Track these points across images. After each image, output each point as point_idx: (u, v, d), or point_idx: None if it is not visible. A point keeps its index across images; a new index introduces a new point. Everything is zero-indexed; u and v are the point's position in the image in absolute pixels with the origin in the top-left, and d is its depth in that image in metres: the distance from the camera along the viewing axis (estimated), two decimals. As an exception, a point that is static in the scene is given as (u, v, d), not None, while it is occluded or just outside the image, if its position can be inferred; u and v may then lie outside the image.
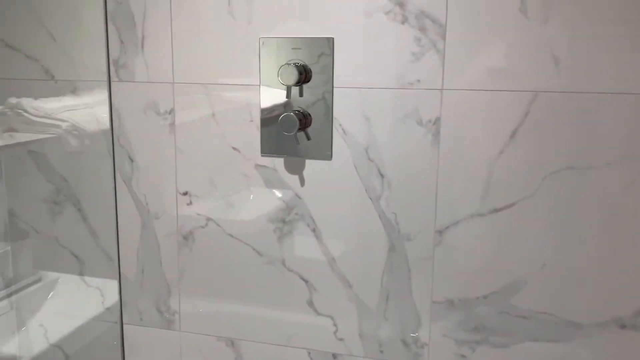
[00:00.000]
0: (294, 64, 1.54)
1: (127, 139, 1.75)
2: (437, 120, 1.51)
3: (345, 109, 1.57)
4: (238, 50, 1.62)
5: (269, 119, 1.63)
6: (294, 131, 1.56)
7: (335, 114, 1.58)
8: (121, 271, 1.84)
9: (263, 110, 1.63)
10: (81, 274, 1.87)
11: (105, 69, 1.73)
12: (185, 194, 1.74)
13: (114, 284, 1.84)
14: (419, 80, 1.51)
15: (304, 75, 1.56)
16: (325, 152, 1.60)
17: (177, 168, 1.73)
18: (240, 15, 1.60)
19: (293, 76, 1.52)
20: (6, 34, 1.79)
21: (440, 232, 1.55)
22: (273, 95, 1.61)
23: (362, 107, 1.55)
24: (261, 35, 1.59)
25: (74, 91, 1.77)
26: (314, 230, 1.65)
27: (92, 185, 1.82)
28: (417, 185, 1.55)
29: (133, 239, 1.80)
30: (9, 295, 1.92)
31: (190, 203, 1.74)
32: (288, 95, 1.58)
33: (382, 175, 1.57)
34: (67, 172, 1.83)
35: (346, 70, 1.55)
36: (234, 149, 1.67)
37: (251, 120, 1.64)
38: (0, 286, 1.89)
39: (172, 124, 1.71)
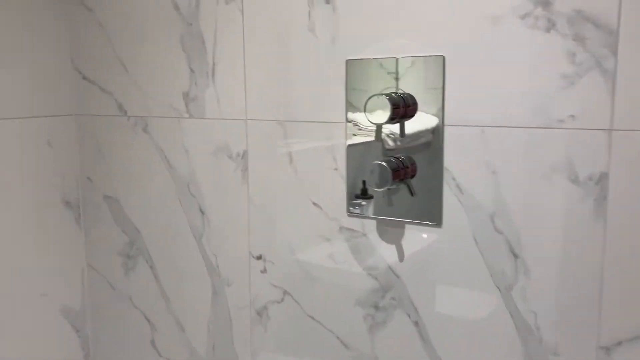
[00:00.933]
0: (389, 94, 1.11)
1: (198, 187, 1.45)
2: (603, 178, 0.97)
3: (461, 156, 1.09)
4: (320, 76, 1.23)
5: (358, 166, 1.21)
6: (386, 186, 1.12)
7: (446, 163, 1.11)
8: (192, 344, 1.53)
9: (350, 155, 1.22)
10: (153, 342, 1.61)
11: (176, 104, 1.45)
12: (259, 257, 1.38)
13: (185, 356, 1.54)
14: (572, 116, 0.98)
15: (402, 109, 1.12)
16: (432, 216, 1.14)
17: (250, 225, 1.38)
18: (323, 31, 1.21)
19: (385, 111, 1.09)
20: (83, 66, 1.61)
21: (607, 350, 1.00)
22: (365, 134, 1.20)
23: (486, 154, 1.07)
24: (348, 57, 1.19)
25: (145, 128, 1.52)
26: (416, 324, 1.18)
27: (163, 239, 1.54)
28: (572, 275, 1.01)
29: (204, 306, 1.49)
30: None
31: (265, 270, 1.37)
32: (378, 137, 1.14)
33: (515, 256, 1.07)
34: (140, 222, 1.58)
35: (463, 101, 1.08)
36: (315, 204, 1.28)
37: (335, 169, 1.24)
38: (79, 344, 1.70)
39: (245, 170, 1.37)
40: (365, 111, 1.11)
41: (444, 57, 1.09)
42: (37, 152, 1.57)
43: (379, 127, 1.13)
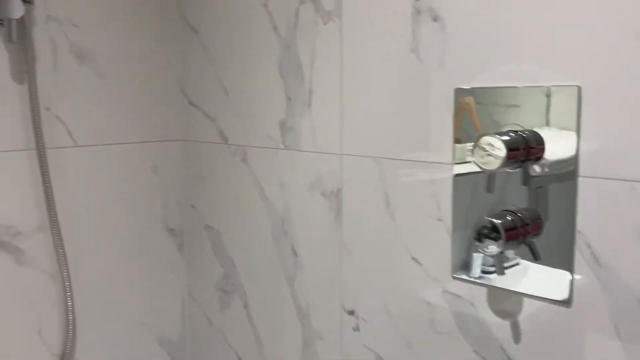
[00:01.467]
0: (506, 132, 0.88)
1: (292, 225, 1.31)
2: None
3: (602, 217, 0.83)
4: (423, 107, 1.02)
5: (466, 219, 0.99)
6: (499, 249, 0.89)
7: (580, 225, 0.85)
8: (281, 396, 1.40)
9: (457, 205, 1.00)
10: (245, 385, 1.50)
11: (273, 134, 1.33)
12: (351, 313, 1.20)
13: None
14: None
15: (523, 151, 0.88)
16: (558, 291, 0.88)
17: (343, 274, 1.21)
18: (429, 53, 1.01)
19: (499, 154, 0.86)
20: (189, 90, 1.55)
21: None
22: (474, 181, 0.97)
23: (637, 218, 0.79)
24: (458, 84, 0.97)
25: (244, 158, 1.41)
26: None
27: (257, 277, 1.43)
28: None
29: (294, 357, 1.34)
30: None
31: (357, 329, 1.19)
32: (489, 188, 0.91)
33: (673, 359, 0.78)
34: (236, 256, 1.48)
35: (605, 146, 0.82)
36: (414, 259, 1.07)
37: (439, 219, 1.02)
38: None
39: (339, 211, 1.20)
40: (474, 154, 0.89)
41: (579, 87, 0.83)
42: (143, 177, 1.54)
43: (491, 175, 0.90)
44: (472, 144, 0.89)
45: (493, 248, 0.89)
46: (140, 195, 1.54)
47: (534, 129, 0.89)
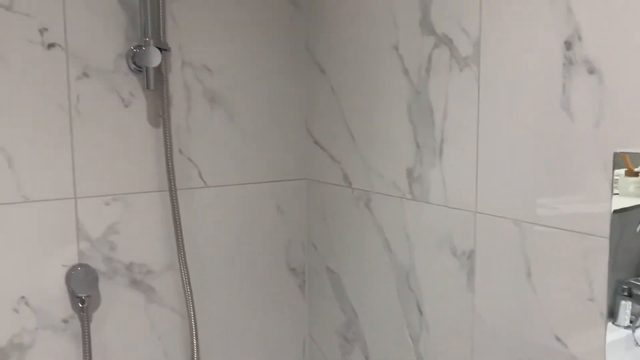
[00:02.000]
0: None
1: (417, 281, 1.23)
2: None
3: None
4: (574, 171, 0.90)
5: (623, 299, 0.85)
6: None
7: None
8: None
9: (613, 283, 0.86)
10: None
11: (399, 182, 1.26)
12: (482, 386, 1.09)
13: None
14: None
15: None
16: None
17: (474, 346, 1.10)
18: (582, 110, 0.89)
19: (670, 239, 0.73)
20: (315, 130, 1.52)
21: None
22: (635, 255, 0.84)
23: None
24: (617, 148, 0.84)
25: (367, 204, 1.36)
26: None
27: (379, 329, 1.36)
28: None
29: (416, 421, 1.26)
30: None
31: (488, 404, 1.08)
32: (657, 275, 0.77)
33: None
34: (357, 304, 1.42)
35: None
36: (558, 339, 0.95)
37: (590, 299, 0.89)
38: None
39: (471, 274, 1.10)
40: (638, 229, 0.76)
41: None
42: (267, 216, 1.54)
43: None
44: (637, 223, 0.76)
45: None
46: (264, 234, 1.54)
47: None
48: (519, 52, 0.99)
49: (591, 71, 0.87)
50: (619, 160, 0.84)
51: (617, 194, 0.84)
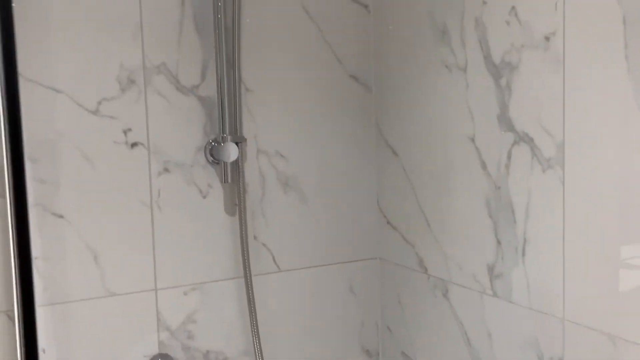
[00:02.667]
0: None
1: (500, 382, 1.18)
2: None
3: None
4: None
5: None
6: None
7: None
8: None
9: None
10: None
11: (479, 276, 1.22)
12: None
13: None
14: None
15: None
16: None
17: None
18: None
19: None
20: (388, 210, 1.51)
21: None
22: None
23: None
24: None
25: (445, 293, 1.33)
26: None
27: None
28: None
29: None
30: None
31: None
32: None
33: None
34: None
35: None
36: None
37: None
38: None
39: (560, 385, 1.05)
40: None
41: None
42: (340, 297, 1.53)
43: None
44: None
45: None
46: (337, 315, 1.53)
47: None
48: (608, 157, 0.95)
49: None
50: None
51: None
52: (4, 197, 0.99)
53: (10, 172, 0.98)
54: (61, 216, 1.23)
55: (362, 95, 1.52)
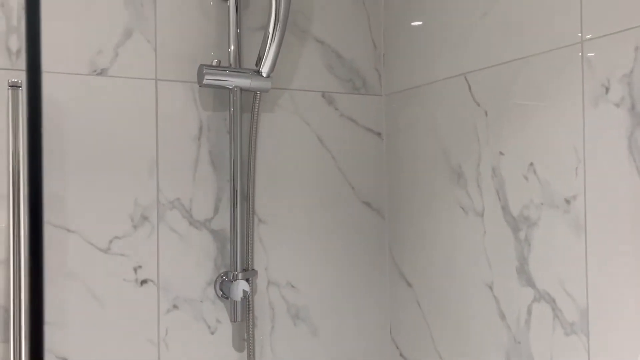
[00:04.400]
0: None
1: None
2: None
3: None
4: None
5: None
6: None
7: None
8: None
9: None
10: None
11: None
12: None
13: None
14: None
15: None
16: None
17: None
18: None
19: None
20: (401, 342, 1.46)
21: None
22: None
23: None
24: None
25: None
26: None
27: None
28: None
29: None
30: None
31: None
32: None
33: None
34: None
35: None
36: None
37: None
38: None
39: None
40: None
41: None
42: None
43: None
44: None
45: None
46: None
47: None
48: (633, 331, 0.91)
49: None
50: None
51: None
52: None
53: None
54: (65, 359, 1.19)
55: (375, 221, 1.50)
